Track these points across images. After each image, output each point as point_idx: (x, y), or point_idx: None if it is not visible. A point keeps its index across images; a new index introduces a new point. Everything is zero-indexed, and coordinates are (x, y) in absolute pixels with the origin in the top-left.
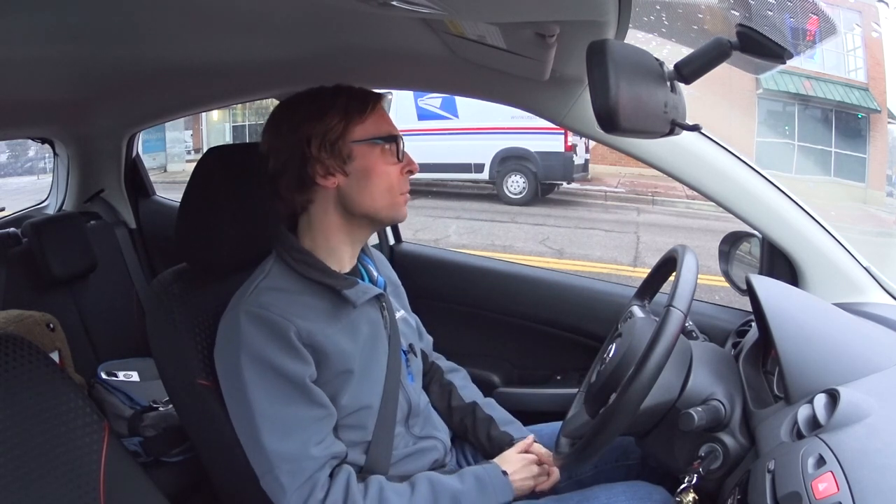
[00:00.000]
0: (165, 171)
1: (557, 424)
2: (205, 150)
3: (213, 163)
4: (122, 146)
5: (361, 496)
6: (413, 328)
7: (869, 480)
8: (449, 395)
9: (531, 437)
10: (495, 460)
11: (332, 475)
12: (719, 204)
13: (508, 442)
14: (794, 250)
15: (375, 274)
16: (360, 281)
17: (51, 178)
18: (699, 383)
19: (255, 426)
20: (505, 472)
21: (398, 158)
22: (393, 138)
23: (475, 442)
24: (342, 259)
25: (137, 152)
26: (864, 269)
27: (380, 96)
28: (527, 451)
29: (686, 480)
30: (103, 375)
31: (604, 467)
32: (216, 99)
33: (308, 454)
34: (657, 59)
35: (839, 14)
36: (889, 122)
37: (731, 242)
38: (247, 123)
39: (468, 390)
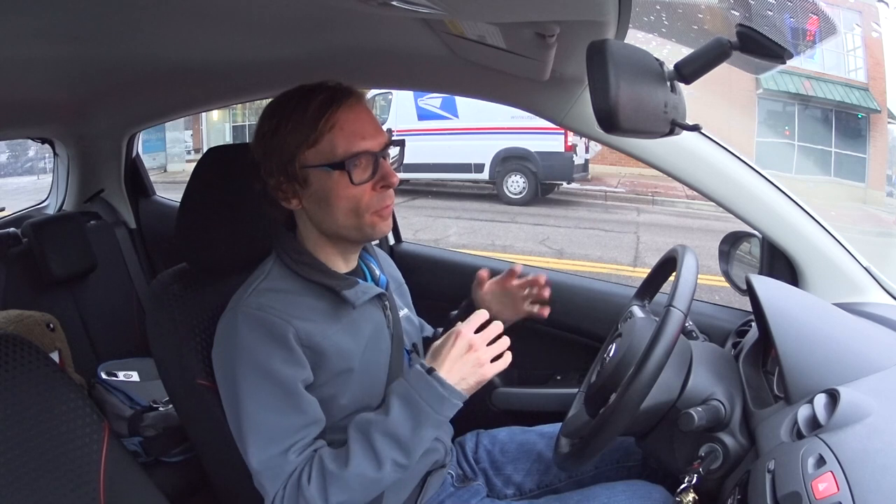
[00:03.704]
0: (165, 171)
1: (557, 424)
2: (205, 150)
3: (213, 163)
4: (122, 146)
5: (307, 478)
6: (416, 327)
7: (869, 480)
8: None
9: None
10: (427, 359)
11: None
12: (719, 204)
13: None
14: (794, 250)
15: (378, 273)
16: (360, 281)
17: (51, 178)
18: (699, 383)
19: (243, 430)
20: (431, 370)
21: (372, 173)
22: (355, 157)
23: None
24: (339, 263)
25: (137, 152)
26: (864, 269)
27: (337, 108)
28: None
29: (686, 480)
30: (103, 375)
31: (604, 468)
32: (216, 99)
33: (287, 461)
34: (657, 59)
35: (839, 14)
36: (889, 122)
37: (731, 242)
38: (247, 123)
39: None
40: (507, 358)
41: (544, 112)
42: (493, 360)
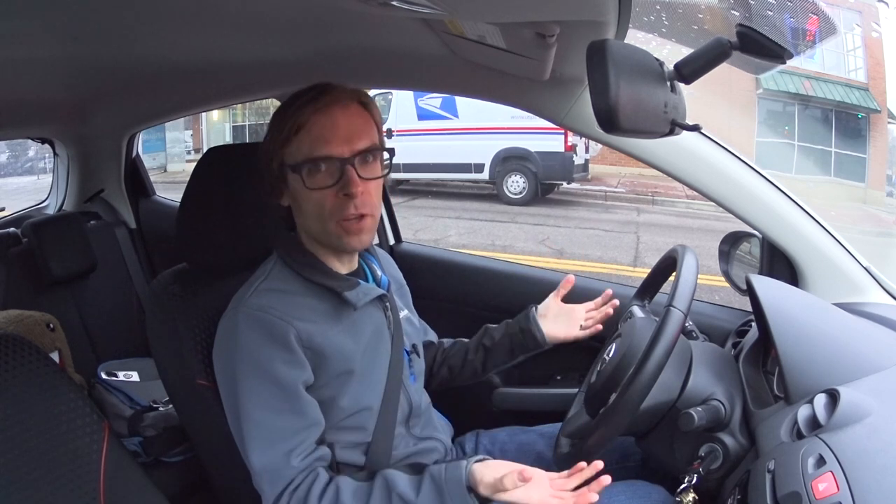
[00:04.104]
0: (165, 171)
1: (557, 424)
2: (205, 150)
3: (213, 163)
4: (122, 146)
5: (317, 499)
6: (417, 328)
7: (869, 480)
8: (459, 350)
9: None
10: (475, 464)
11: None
12: (719, 204)
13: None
14: (794, 250)
15: (379, 273)
16: (361, 282)
17: (51, 178)
18: (699, 383)
19: (243, 432)
20: (471, 489)
21: (337, 180)
22: (312, 161)
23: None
24: (335, 263)
25: (137, 152)
26: (864, 269)
27: (307, 110)
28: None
29: (686, 480)
30: (103, 375)
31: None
32: (216, 99)
33: (288, 464)
34: (657, 59)
35: (839, 14)
36: (889, 122)
37: (731, 242)
38: (247, 123)
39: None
40: None
41: (544, 112)
42: None
